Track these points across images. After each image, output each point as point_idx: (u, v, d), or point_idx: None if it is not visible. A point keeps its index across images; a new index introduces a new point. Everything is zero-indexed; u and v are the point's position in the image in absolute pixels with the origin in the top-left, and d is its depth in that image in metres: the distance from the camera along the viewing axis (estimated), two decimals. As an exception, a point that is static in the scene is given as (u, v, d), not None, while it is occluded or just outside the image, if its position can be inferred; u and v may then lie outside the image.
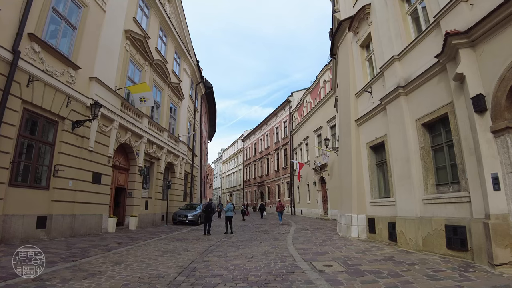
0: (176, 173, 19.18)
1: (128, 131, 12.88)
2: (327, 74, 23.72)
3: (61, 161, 8.87)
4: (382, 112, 9.19)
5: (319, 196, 24.11)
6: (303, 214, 27.28)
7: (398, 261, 5.88)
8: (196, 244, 9.18)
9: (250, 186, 46.19)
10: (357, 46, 11.39)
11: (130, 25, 13.07)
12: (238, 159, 55.09)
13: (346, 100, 11.69)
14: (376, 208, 9.54)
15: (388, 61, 8.63)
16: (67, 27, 9.41)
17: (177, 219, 16.94)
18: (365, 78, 10.86)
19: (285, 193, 33.35)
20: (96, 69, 10.51)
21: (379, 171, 9.83)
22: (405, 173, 7.75)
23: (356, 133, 10.80)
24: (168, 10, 17.76)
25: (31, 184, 8.05)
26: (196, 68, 23.91)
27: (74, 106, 9.41)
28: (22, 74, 7.57)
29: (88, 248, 7.35)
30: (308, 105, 27.89)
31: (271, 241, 9.62)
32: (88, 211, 9.89)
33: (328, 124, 22.15)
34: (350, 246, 8.08)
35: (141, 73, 14.43)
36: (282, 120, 35.61)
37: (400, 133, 8.05)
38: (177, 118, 20.00)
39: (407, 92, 7.93)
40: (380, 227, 9.13)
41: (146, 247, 8.11)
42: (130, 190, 13.55)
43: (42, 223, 8.19)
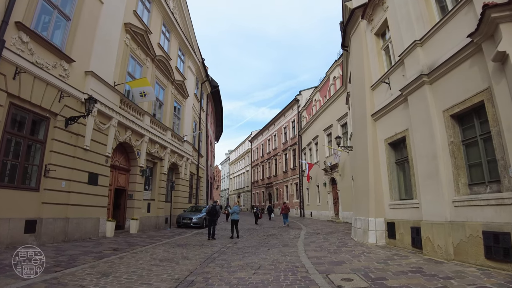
0: (180, 174, 18.50)
1: (128, 130, 12.23)
2: (337, 70, 22.82)
3: (53, 160, 8.22)
4: (403, 104, 8.33)
5: (329, 197, 23.17)
6: (313, 216, 26.36)
7: (429, 274, 5.03)
8: (198, 250, 8.43)
9: (258, 188, 45.35)
10: (371, 35, 10.56)
11: (130, 18, 12.44)
12: (245, 160, 54.34)
13: (361, 94, 10.82)
14: (396, 211, 8.65)
15: (409, 47, 7.77)
16: (60, 17, 8.78)
17: (181, 222, 16.21)
18: (381, 68, 10.03)
19: (294, 194, 32.44)
20: (93, 63, 9.87)
21: (399, 170, 8.95)
22: (431, 172, 6.86)
23: (373, 129, 9.93)
24: (171, 5, 17.11)
25: (19, 185, 7.40)
26: (201, 66, 23.25)
27: (68, 102, 8.77)
28: (8, 65, 6.94)
29: (78, 256, 6.66)
30: (317, 103, 26.99)
31: (280, 248, 8.81)
32: (83, 214, 9.23)
33: (339, 122, 21.25)
34: (368, 254, 7.23)
35: (143, 69, 13.79)
36: (290, 120, 34.73)
37: (424, 126, 7.17)
38: (182, 117, 19.33)
39: (432, 80, 7.07)
40: (401, 232, 8.24)
41: (142, 254, 7.39)
42: (131, 191, 12.89)
43: (31, 227, 7.53)
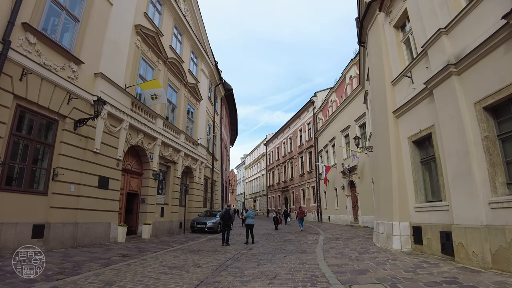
0: (194, 177, 18.24)
1: (140, 133, 12.05)
2: (354, 69, 22.12)
3: (62, 163, 8.05)
4: (428, 98, 7.70)
5: (348, 201, 22.37)
6: (331, 221, 25.54)
7: (466, 286, 4.41)
8: (211, 257, 8.01)
9: (274, 192, 44.71)
10: (390, 28, 9.98)
11: (141, 20, 12.31)
12: (261, 164, 53.85)
13: (381, 90, 10.21)
14: (422, 214, 7.97)
15: (433, 37, 7.16)
16: (69, 19, 8.68)
17: (195, 227, 15.90)
18: (402, 62, 9.43)
19: (311, 198, 31.65)
20: (102, 64, 9.74)
21: (424, 170, 8.28)
22: (462, 171, 6.21)
23: (395, 126, 9.30)
24: (183, 7, 17.02)
25: (26, 189, 7.23)
26: (214, 69, 23.08)
27: (77, 104, 8.62)
28: (14, 66, 6.82)
29: (84, 262, 6.38)
30: (333, 104, 26.28)
31: (298, 254, 8.27)
32: (93, 219, 9.02)
33: (357, 122, 20.50)
34: (394, 261, 6.60)
35: (154, 71, 13.64)
36: (305, 122, 34.06)
37: (453, 121, 6.53)
38: (195, 120, 19.13)
39: (460, 70, 6.44)
40: (428, 237, 7.56)
41: (152, 261, 7.04)
42: (144, 196, 12.67)
43: (39, 232, 7.34)
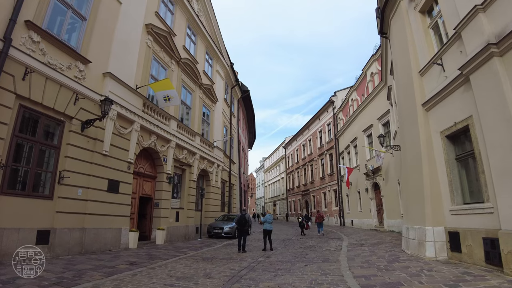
0: (211, 181, 17.79)
1: (152, 134, 11.71)
2: (375, 66, 21.04)
3: (68, 166, 7.74)
4: (463, 86, 6.79)
5: (372, 204, 21.20)
6: (354, 225, 24.38)
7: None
8: (225, 266, 7.37)
9: (294, 195, 43.68)
10: (415, 14, 9.11)
11: (152, 19, 12.03)
12: (280, 167, 52.96)
13: (407, 82, 9.32)
14: (460, 218, 7.02)
15: (467, 16, 6.28)
16: (75, 17, 8.44)
17: (212, 232, 15.37)
18: (430, 50, 8.54)
19: (333, 202, 30.50)
20: (111, 64, 9.45)
21: (460, 167, 7.33)
22: (510, 166, 5.30)
23: (425, 120, 8.39)
24: (196, 7, 16.72)
25: (30, 193, 6.93)
26: (230, 70, 22.67)
27: (84, 104, 8.32)
28: (16, 65, 6.58)
29: (87, 271, 5.95)
30: (354, 103, 25.20)
31: (320, 263, 7.49)
32: (102, 224, 8.66)
33: (380, 121, 19.38)
34: (430, 271, 5.74)
35: (167, 72, 13.32)
36: (325, 123, 33.02)
37: (496, 110, 5.63)
38: (211, 122, 18.73)
39: (502, 50, 5.56)
40: (468, 244, 6.61)
41: (160, 270, 6.51)
42: (158, 200, 12.29)
43: (44, 238, 7.03)
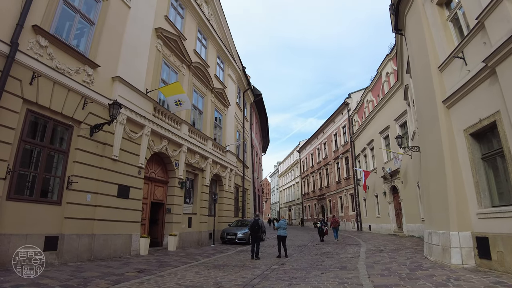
0: (224, 186, 17.53)
1: (163, 139, 11.57)
2: (390, 65, 20.42)
3: (76, 171, 7.63)
4: (488, 80, 6.29)
5: (390, 208, 20.42)
6: (372, 230, 23.56)
7: None
8: (237, 274, 7.01)
9: (310, 200, 42.91)
10: (432, 7, 8.65)
11: (162, 23, 11.98)
12: (294, 171, 52.28)
13: (426, 79, 8.82)
14: (489, 222, 6.44)
15: (491, 4, 5.80)
16: (83, 21, 8.41)
17: (225, 238, 15.05)
18: (450, 43, 8.05)
19: (349, 206, 29.66)
20: (120, 68, 9.38)
21: (487, 167, 6.77)
22: (550, 164, 4.77)
23: (446, 118, 7.86)
24: (206, 11, 16.66)
25: (38, 198, 6.83)
26: (242, 74, 22.51)
27: (93, 109, 8.24)
28: (23, 70, 6.54)
29: (93, 279, 5.73)
30: (369, 104, 24.52)
31: (337, 271, 7.04)
32: (112, 230, 8.50)
33: (397, 122, 18.69)
34: (457, 281, 5.22)
35: (178, 76, 13.22)
36: (340, 126, 32.33)
37: (530, 102, 5.12)
38: (223, 127, 18.54)
39: (534, 38, 5.06)
40: (499, 250, 6.03)
41: (168, 279, 6.23)
42: (169, 205, 12.11)
43: (52, 244, 6.90)
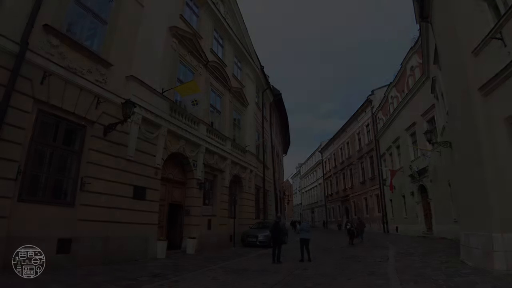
0: (244, 187, 17.12)
1: (181, 139, 11.32)
2: (415, 59, 19.34)
3: (90, 172, 7.45)
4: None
5: (419, 209, 19.33)
6: (399, 231, 22.48)
7: None
8: (256, 280, 6.54)
9: (333, 202, 41.75)
10: (464, -13, 7.87)
11: (176, 22, 11.76)
12: (317, 172, 51.20)
13: (458, 65, 8.05)
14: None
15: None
16: (95, 21, 8.30)
17: (246, 240, 14.63)
18: (485, 25, 7.24)
19: (375, 207, 28.50)
20: (135, 67, 9.18)
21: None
22: None
23: (483, 107, 7.08)
24: (222, 10, 16.39)
25: (50, 200, 6.70)
26: (260, 73, 22.08)
27: (106, 108, 8.07)
28: (35, 70, 6.43)
29: (103, 284, 5.46)
30: (394, 100, 23.44)
31: (365, 277, 6.43)
32: (128, 232, 8.26)
33: (424, 117, 17.63)
34: (510, 292, 4.49)
35: (195, 75, 12.97)
36: (364, 124, 31.24)
37: None
38: (242, 127, 18.18)
39: None
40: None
41: (183, 284, 5.87)
42: (188, 207, 11.84)
43: (65, 247, 6.72)
